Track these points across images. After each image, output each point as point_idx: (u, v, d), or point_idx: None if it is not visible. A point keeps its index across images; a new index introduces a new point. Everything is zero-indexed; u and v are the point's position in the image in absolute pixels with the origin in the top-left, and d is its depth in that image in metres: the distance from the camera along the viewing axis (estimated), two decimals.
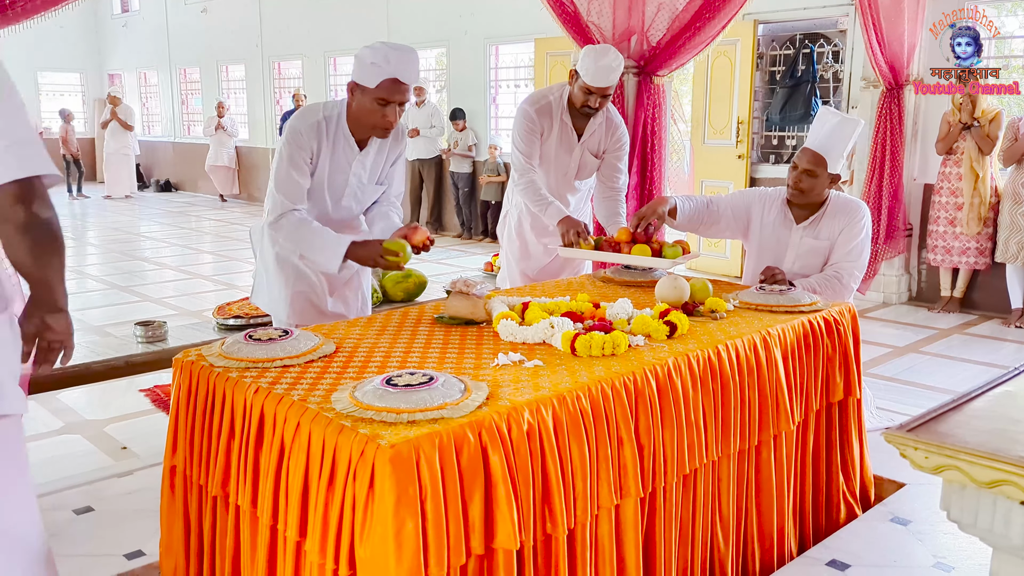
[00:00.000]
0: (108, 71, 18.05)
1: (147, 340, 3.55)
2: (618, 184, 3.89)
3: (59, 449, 3.72)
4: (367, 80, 2.80)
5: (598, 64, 3.52)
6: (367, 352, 2.36)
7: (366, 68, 2.80)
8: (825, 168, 3.31)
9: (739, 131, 7.69)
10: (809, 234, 3.41)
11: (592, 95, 3.58)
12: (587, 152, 3.78)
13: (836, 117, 3.35)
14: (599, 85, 3.54)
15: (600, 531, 2.15)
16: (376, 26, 11.61)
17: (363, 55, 2.81)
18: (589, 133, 3.75)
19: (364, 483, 1.73)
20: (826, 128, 3.33)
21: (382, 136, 2.95)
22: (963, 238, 6.29)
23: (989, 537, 1.15)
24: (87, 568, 2.68)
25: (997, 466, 1.09)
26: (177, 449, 2.32)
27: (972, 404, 1.32)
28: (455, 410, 1.87)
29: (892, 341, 5.71)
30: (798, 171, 3.35)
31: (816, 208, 3.41)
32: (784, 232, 3.45)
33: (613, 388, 2.14)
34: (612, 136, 3.81)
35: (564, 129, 3.72)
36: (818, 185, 3.34)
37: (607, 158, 3.84)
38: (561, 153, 3.76)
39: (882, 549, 2.80)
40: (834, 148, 3.30)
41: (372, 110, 2.84)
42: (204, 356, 2.30)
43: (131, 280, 7.92)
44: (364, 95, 2.83)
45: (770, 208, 3.47)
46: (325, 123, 2.92)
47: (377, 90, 2.79)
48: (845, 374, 2.94)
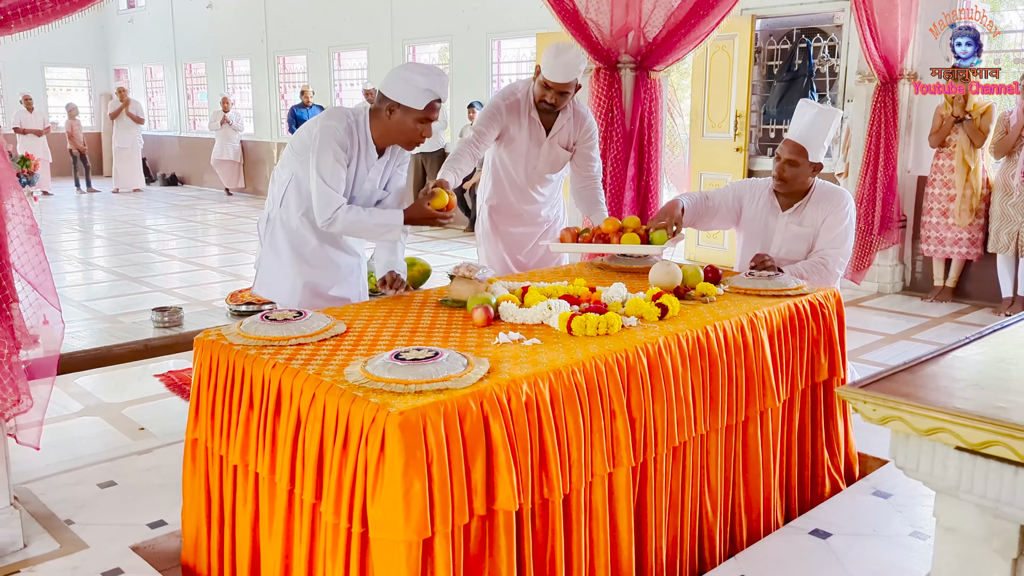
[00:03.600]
0: (114, 66, 18.24)
1: (164, 325, 3.71)
2: (593, 172, 4.05)
3: (80, 430, 3.88)
4: (415, 102, 2.95)
5: (556, 60, 3.65)
6: (376, 332, 2.52)
7: (416, 91, 2.94)
8: (806, 157, 3.47)
9: (737, 124, 7.83)
10: (794, 221, 3.57)
11: (549, 90, 3.71)
12: (557, 146, 3.93)
13: (814, 109, 3.52)
14: (556, 80, 3.67)
15: (594, 497, 2.31)
16: (380, 21, 11.76)
17: (408, 78, 2.96)
18: (558, 128, 3.89)
19: (375, 448, 1.88)
20: (805, 120, 3.50)
21: (408, 148, 3.15)
22: (955, 229, 6.43)
23: (930, 480, 1.30)
24: (115, 536, 2.84)
25: (933, 415, 1.24)
26: (199, 423, 2.47)
27: (923, 367, 1.47)
28: (459, 382, 2.02)
29: (884, 329, 5.86)
30: (781, 161, 3.51)
31: (800, 196, 3.57)
32: (771, 219, 3.61)
33: (607, 364, 2.29)
34: (581, 128, 3.96)
35: (533, 125, 3.87)
36: (800, 174, 3.50)
37: (579, 149, 3.99)
38: (531, 147, 3.91)
39: (863, 520, 2.95)
40: (814, 138, 3.47)
41: (412, 128, 3.00)
42: (224, 335, 2.45)
43: (141, 271, 8.09)
44: (407, 114, 2.98)
45: (758, 197, 3.64)
46: (355, 128, 3.06)
47: (425, 111, 2.97)
48: (830, 355, 3.09)
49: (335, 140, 2.97)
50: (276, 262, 3.23)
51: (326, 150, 2.97)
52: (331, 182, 2.96)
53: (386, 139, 3.09)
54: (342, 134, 3.00)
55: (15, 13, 2.46)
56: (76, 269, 8.32)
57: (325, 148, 2.97)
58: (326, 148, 2.97)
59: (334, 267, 3.24)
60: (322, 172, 2.97)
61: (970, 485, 1.24)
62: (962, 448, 1.24)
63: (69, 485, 3.25)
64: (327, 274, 3.25)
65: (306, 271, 3.20)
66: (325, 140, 2.97)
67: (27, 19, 2.49)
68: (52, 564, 2.67)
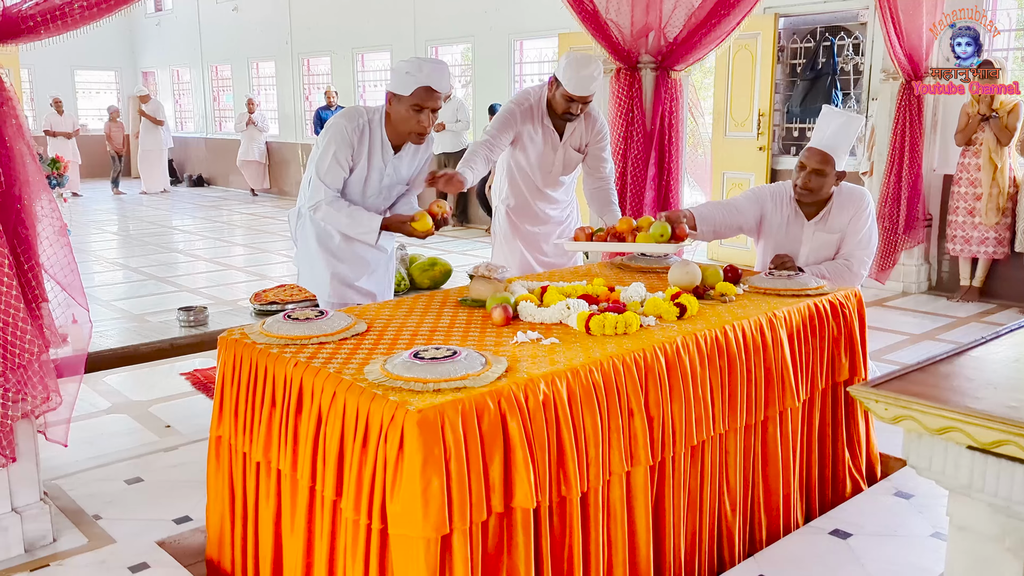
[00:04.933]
0: (142, 69, 18.47)
1: (190, 324, 3.77)
2: (605, 173, 4.09)
3: (108, 427, 3.95)
4: (402, 88, 3.12)
5: (580, 74, 3.69)
6: (396, 331, 2.55)
7: (401, 77, 3.13)
8: (833, 166, 3.41)
9: (760, 123, 7.79)
10: (821, 228, 3.51)
11: (574, 103, 3.77)
12: (570, 149, 3.99)
13: (841, 117, 3.46)
14: (581, 94, 3.72)
15: (612, 496, 2.32)
16: (403, 22, 11.82)
17: (398, 67, 3.17)
18: (570, 131, 3.94)
19: (394, 445, 1.91)
20: (832, 128, 3.43)
21: (417, 142, 3.27)
22: (982, 228, 6.36)
23: (942, 479, 1.31)
24: (141, 531, 2.89)
25: (945, 414, 1.24)
26: (223, 420, 2.51)
27: (937, 366, 1.47)
28: (477, 380, 2.04)
29: (909, 329, 5.81)
30: (807, 171, 3.42)
31: (824, 204, 3.52)
32: (796, 229, 3.55)
33: (624, 363, 2.31)
34: (592, 129, 3.99)
35: (546, 131, 3.92)
36: (826, 184, 3.44)
37: (591, 150, 4.02)
38: (546, 152, 3.96)
39: (884, 520, 2.94)
40: (840, 146, 3.41)
41: (407, 117, 3.15)
42: (247, 334, 2.49)
43: (168, 271, 8.20)
44: (400, 103, 3.15)
45: (781, 206, 3.56)
46: (368, 126, 3.24)
47: (411, 97, 3.11)
48: (851, 355, 3.08)
49: (340, 140, 3.19)
50: (307, 256, 3.45)
51: (328, 147, 3.20)
52: (324, 177, 3.21)
53: (395, 133, 3.25)
54: (350, 134, 3.19)
55: (44, 19, 2.52)
56: (104, 269, 8.44)
57: (328, 145, 3.20)
58: (329, 145, 3.20)
59: (361, 260, 3.44)
60: (319, 165, 3.21)
61: (982, 484, 1.25)
62: (974, 447, 1.25)
63: (97, 481, 3.31)
64: (354, 266, 3.43)
65: (333, 263, 3.40)
66: (330, 139, 3.20)
67: (56, 25, 2.55)
68: (81, 558, 2.73)
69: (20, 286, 2.51)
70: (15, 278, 2.47)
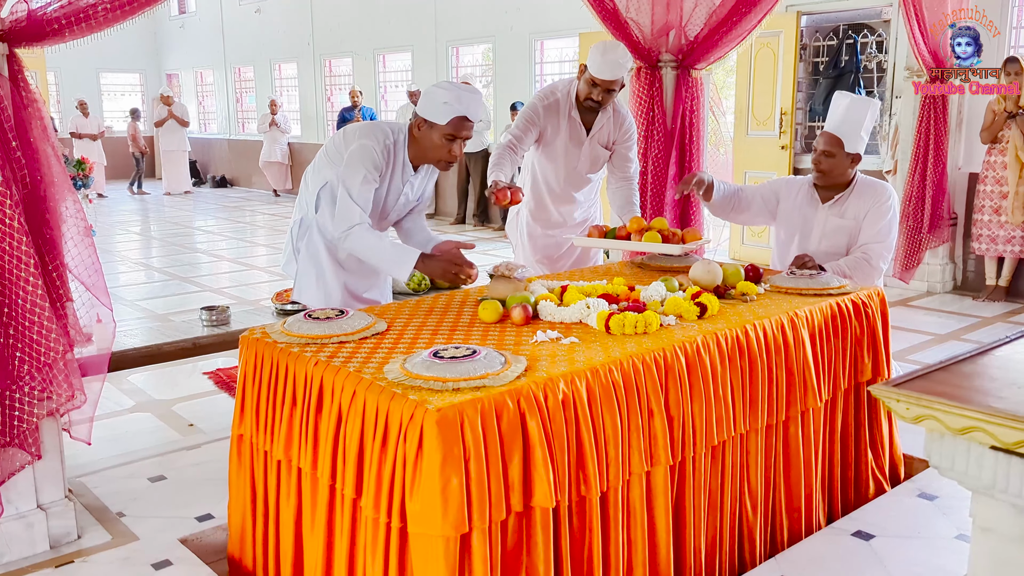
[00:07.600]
0: (166, 71, 18.65)
1: (213, 323, 3.80)
2: (630, 173, 4.07)
3: (132, 425, 3.99)
4: (437, 117, 2.99)
5: (604, 57, 3.68)
6: (416, 330, 2.55)
7: (437, 106, 2.98)
8: (842, 148, 3.45)
9: (782, 122, 7.74)
10: (834, 213, 3.54)
11: (596, 88, 3.73)
12: (597, 145, 3.95)
13: (847, 98, 3.52)
14: (603, 78, 3.70)
15: (632, 496, 2.31)
16: (424, 23, 11.85)
17: (435, 94, 3.01)
18: (598, 127, 3.91)
19: (414, 444, 1.92)
20: (840, 110, 3.49)
21: (444, 169, 3.16)
22: (1008, 227, 6.28)
23: (965, 480, 1.29)
24: (164, 528, 2.92)
25: (967, 414, 1.23)
26: (244, 419, 2.53)
27: (960, 366, 1.45)
28: (496, 379, 2.04)
29: (934, 329, 5.75)
30: (818, 152, 3.51)
31: (842, 188, 3.55)
32: (810, 211, 3.59)
33: (644, 363, 2.30)
34: (621, 127, 3.97)
35: (573, 125, 3.89)
36: (838, 165, 3.48)
37: (618, 149, 4.00)
38: (571, 148, 3.93)
39: (907, 522, 2.91)
40: (850, 128, 3.45)
41: (439, 145, 3.03)
42: (268, 333, 2.51)
43: (191, 271, 8.27)
44: (432, 130, 3.02)
45: (797, 191, 3.64)
46: (394, 147, 3.11)
47: (447, 127, 2.99)
48: (873, 355, 3.06)
49: (369, 160, 3.02)
50: (313, 267, 3.28)
51: (358, 168, 3.01)
52: (357, 199, 3.00)
53: (419, 156, 3.14)
54: (378, 155, 3.05)
55: (69, 22, 2.55)
56: (128, 269, 8.53)
57: (358, 166, 3.01)
58: (359, 166, 3.01)
59: (371, 271, 3.31)
60: (350, 187, 3.00)
61: (1005, 484, 1.23)
62: (997, 447, 1.23)
63: (121, 479, 3.35)
64: (363, 278, 3.33)
65: (342, 274, 3.29)
66: (360, 159, 3.02)
67: (80, 27, 2.58)
68: (104, 555, 2.76)
69: (45, 286, 2.54)
70: (40, 278, 2.50)
